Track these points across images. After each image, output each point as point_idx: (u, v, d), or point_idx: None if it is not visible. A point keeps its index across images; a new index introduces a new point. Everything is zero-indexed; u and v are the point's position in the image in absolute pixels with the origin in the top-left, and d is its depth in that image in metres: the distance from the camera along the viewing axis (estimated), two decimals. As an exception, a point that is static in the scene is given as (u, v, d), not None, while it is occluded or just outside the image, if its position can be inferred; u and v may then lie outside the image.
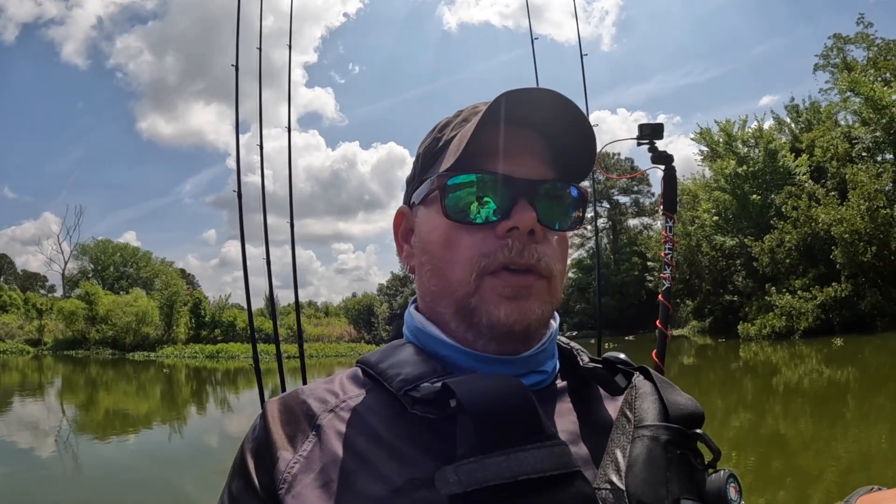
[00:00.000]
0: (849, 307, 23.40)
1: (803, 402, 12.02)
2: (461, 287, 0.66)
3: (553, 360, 0.73)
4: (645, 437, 0.59)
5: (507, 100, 0.65)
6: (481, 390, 0.56)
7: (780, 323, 24.81)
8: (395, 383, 0.63)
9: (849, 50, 30.07)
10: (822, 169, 28.03)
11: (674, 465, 0.58)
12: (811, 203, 25.59)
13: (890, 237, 23.14)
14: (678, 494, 0.56)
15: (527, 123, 0.69)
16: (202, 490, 7.44)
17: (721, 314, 29.13)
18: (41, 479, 8.14)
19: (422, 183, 0.73)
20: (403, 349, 0.70)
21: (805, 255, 25.52)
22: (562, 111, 0.67)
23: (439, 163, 0.71)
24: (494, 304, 0.65)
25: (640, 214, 48.50)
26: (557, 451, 0.54)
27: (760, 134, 30.47)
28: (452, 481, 0.51)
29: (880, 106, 24.95)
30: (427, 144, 0.75)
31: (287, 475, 0.61)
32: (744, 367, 18.60)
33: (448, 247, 0.68)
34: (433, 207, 0.70)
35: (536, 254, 0.65)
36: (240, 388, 21.69)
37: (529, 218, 0.64)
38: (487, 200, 0.67)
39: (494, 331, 0.65)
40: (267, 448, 0.64)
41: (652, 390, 0.66)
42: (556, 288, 0.69)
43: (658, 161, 3.07)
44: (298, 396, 0.68)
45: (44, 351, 37.65)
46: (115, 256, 55.33)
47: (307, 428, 0.65)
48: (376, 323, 44.14)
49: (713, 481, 0.58)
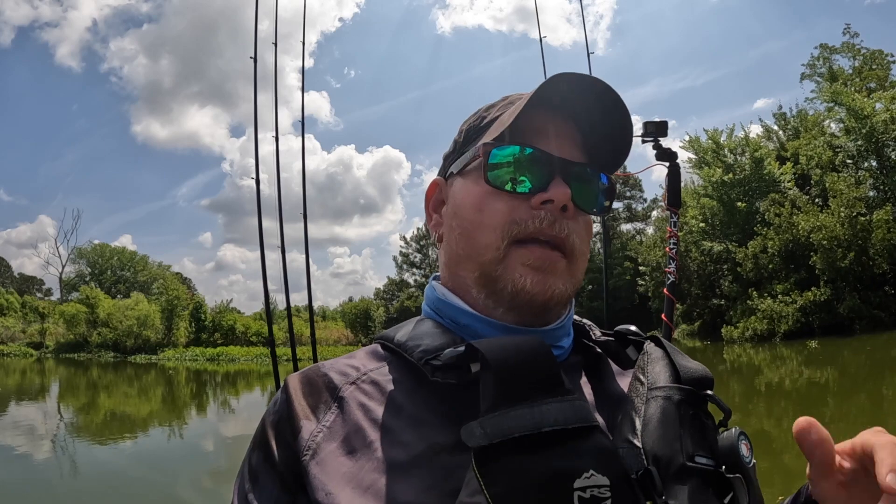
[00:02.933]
0: (828, 311, 23.89)
1: (786, 402, 12.45)
2: (489, 252, 0.68)
3: (568, 337, 0.75)
4: (658, 398, 0.61)
5: (555, 82, 0.67)
6: (503, 346, 0.57)
7: (762, 326, 25.33)
8: (416, 353, 0.65)
9: (835, 59, 30.71)
10: (807, 176, 28.49)
11: (687, 424, 0.59)
12: (793, 210, 26.11)
13: (868, 243, 23.67)
14: (692, 451, 0.57)
15: (570, 108, 0.71)
16: (196, 494, 7.63)
17: (709, 317, 29.67)
18: (36, 482, 8.14)
19: (462, 155, 0.75)
20: (422, 323, 0.72)
21: (787, 260, 26.04)
22: (600, 99, 0.70)
23: (482, 137, 0.73)
24: (521, 273, 0.66)
25: (632, 219, 48.87)
26: (577, 405, 0.54)
27: (747, 142, 30.96)
28: (478, 434, 0.52)
29: (862, 116, 25.53)
30: (471, 122, 0.77)
31: (311, 443, 0.62)
32: (728, 369, 18.99)
33: (481, 211, 0.69)
34: (471, 176, 0.72)
35: (567, 228, 0.67)
36: (239, 391, 22.05)
37: (564, 193, 0.66)
38: (527, 172, 0.68)
39: (517, 299, 0.67)
40: (288, 420, 0.65)
41: (663, 355, 0.67)
42: (578, 268, 0.70)
43: (662, 158, 3.08)
44: (319, 370, 0.70)
45: (46, 354, 37.83)
46: (113, 260, 55.60)
47: (329, 399, 0.66)
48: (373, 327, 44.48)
49: (725, 438, 0.59)
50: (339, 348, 39.29)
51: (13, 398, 18.25)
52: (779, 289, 25.59)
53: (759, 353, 21.64)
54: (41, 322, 41.08)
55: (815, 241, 24.28)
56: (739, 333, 26.45)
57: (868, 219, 23.96)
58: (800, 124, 32.23)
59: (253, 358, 34.11)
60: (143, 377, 25.98)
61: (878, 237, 23.46)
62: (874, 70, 28.43)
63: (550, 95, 0.69)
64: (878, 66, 28.86)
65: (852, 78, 28.90)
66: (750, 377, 16.41)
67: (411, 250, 47.55)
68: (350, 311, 45.71)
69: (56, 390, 21.98)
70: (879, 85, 27.86)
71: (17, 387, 22.60)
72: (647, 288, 34.39)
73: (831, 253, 23.93)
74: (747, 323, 26.14)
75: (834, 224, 24.06)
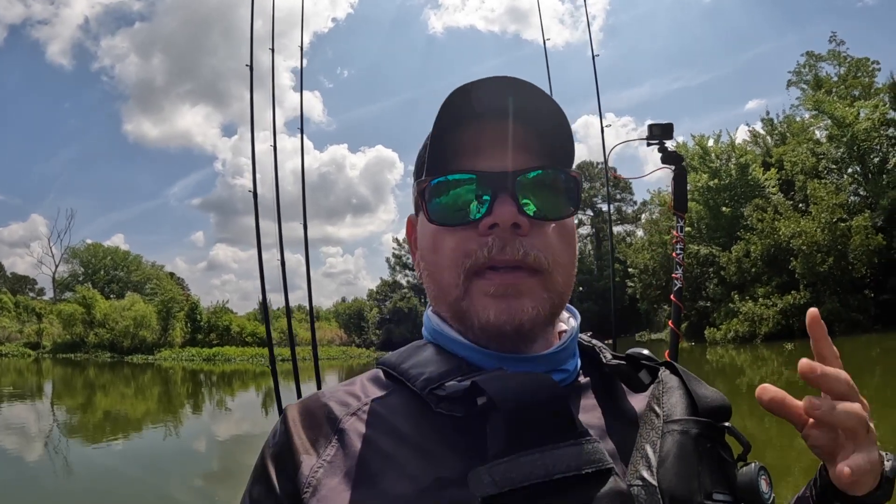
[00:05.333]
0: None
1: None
2: (451, 290, 0.65)
3: (574, 358, 0.72)
4: (675, 432, 0.59)
5: (461, 94, 0.63)
6: (511, 387, 0.55)
7: (744, 328, 26.00)
8: (419, 382, 0.62)
9: (821, 67, 31.20)
10: (792, 182, 29.01)
11: (705, 460, 0.57)
12: (775, 215, 26.69)
13: (848, 248, 24.24)
14: (710, 488, 0.55)
15: (495, 113, 0.65)
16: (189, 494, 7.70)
17: (696, 319, 30.16)
18: (31, 482, 8.09)
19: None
20: (424, 349, 0.69)
21: (769, 264, 26.62)
22: (524, 96, 0.64)
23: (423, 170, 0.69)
24: (483, 306, 0.63)
25: (622, 222, 49.40)
26: (590, 448, 0.52)
27: (733, 148, 31.50)
28: (487, 482, 0.50)
29: (844, 124, 26.10)
30: (420, 152, 0.73)
31: (312, 479, 0.60)
32: (712, 370, 19.30)
33: (435, 251, 0.67)
34: (423, 216, 0.69)
35: (522, 248, 0.63)
36: (235, 390, 22.26)
37: (508, 212, 0.62)
38: (466, 200, 0.64)
39: (486, 332, 0.64)
40: (289, 453, 0.63)
41: (679, 384, 0.65)
42: (554, 281, 0.65)
43: (668, 161, 2.94)
44: (319, 399, 0.68)
45: (43, 354, 37.79)
46: (106, 260, 55.41)
47: (329, 432, 0.64)
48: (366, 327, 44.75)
49: (744, 474, 0.57)
50: (332, 348, 39.59)
51: (12, 399, 18.40)
52: (760, 292, 26.17)
53: (741, 355, 22.12)
54: (38, 322, 40.96)
55: (795, 246, 24.90)
56: (722, 335, 27.07)
57: (848, 225, 24.53)
58: (787, 129, 32.71)
59: (249, 358, 34.54)
60: (140, 377, 26.14)
61: (857, 242, 24.06)
62: (858, 78, 28.84)
63: (467, 106, 0.64)
64: (863, 73, 29.19)
65: (837, 85, 29.34)
66: (733, 377, 16.75)
67: (404, 252, 47.86)
68: (344, 312, 45.95)
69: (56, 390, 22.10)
70: (864, 92, 28.29)
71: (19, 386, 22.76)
72: (635, 290, 34.84)
73: (811, 258, 24.53)
74: (729, 325, 26.78)
75: (814, 230, 24.65)
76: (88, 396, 19.46)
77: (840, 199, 25.28)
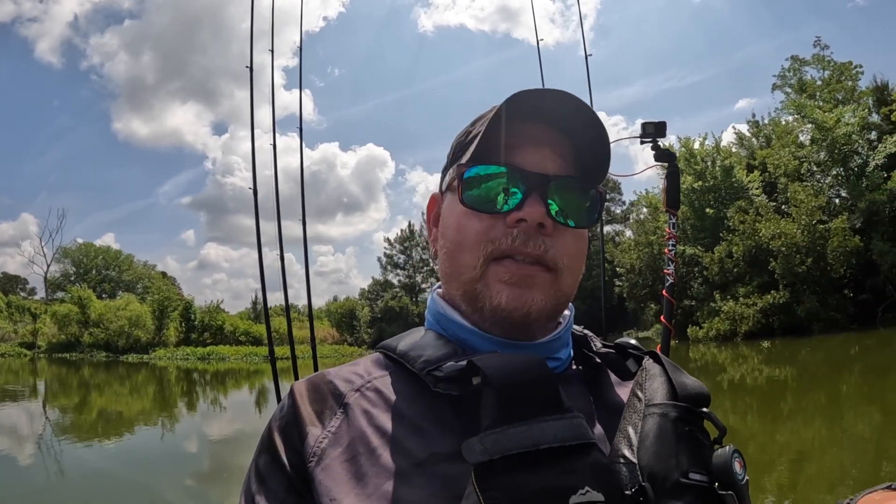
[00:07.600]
0: (787, 312, 24.99)
1: (749, 397, 13.05)
2: (468, 271, 0.69)
3: (567, 348, 0.76)
4: (655, 415, 0.62)
5: (523, 97, 0.68)
6: (504, 365, 0.58)
7: (725, 326, 26.54)
8: (418, 364, 0.66)
9: (805, 71, 31.34)
10: (775, 184, 29.36)
11: (682, 441, 0.60)
12: (756, 217, 27.16)
13: (826, 249, 24.74)
14: (687, 468, 0.58)
15: (546, 121, 0.70)
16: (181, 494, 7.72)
17: (681, 318, 30.57)
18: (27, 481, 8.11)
19: (448, 172, 0.76)
20: (424, 334, 0.73)
21: (750, 264, 27.11)
22: (575, 111, 0.69)
23: (465, 155, 0.72)
24: (497, 290, 0.67)
25: (611, 222, 49.75)
26: (575, 422, 0.55)
27: (718, 150, 31.93)
28: (478, 450, 0.53)
29: (825, 128, 26.52)
30: (459, 137, 0.77)
31: (317, 449, 0.63)
32: (696, 367, 19.51)
33: (460, 231, 0.70)
34: (454, 196, 0.72)
35: (544, 245, 0.67)
36: (228, 389, 22.45)
37: (538, 212, 0.66)
38: (501, 191, 0.68)
39: (495, 315, 0.68)
40: (295, 425, 0.66)
41: (661, 372, 0.68)
42: (563, 281, 0.70)
43: (661, 158, 3.05)
44: (325, 377, 0.71)
45: (39, 354, 37.83)
46: (98, 259, 55.40)
47: (335, 406, 0.67)
48: (358, 326, 44.86)
49: (719, 456, 0.59)
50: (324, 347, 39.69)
51: (15, 398, 18.53)
52: (741, 291, 26.70)
53: (723, 352, 22.57)
54: (33, 322, 40.95)
55: (775, 247, 25.43)
56: (704, 333, 27.64)
57: (827, 227, 25.03)
58: (772, 132, 32.98)
59: (243, 357, 34.80)
60: (135, 376, 26.27)
61: (835, 244, 24.60)
62: (842, 82, 29.25)
63: (523, 108, 0.69)
64: (846, 77, 29.40)
65: (821, 89, 29.69)
66: (714, 374, 17.12)
67: (395, 252, 48.02)
68: (336, 311, 46.11)
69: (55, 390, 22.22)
70: (848, 96, 28.64)
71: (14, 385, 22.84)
72: (622, 289, 35.31)
73: (790, 258, 25.06)
74: (712, 323, 27.34)
75: (794, 231, 25.18)
76: (83, 396, 19.56)
77: (819, 201, 25.75)
